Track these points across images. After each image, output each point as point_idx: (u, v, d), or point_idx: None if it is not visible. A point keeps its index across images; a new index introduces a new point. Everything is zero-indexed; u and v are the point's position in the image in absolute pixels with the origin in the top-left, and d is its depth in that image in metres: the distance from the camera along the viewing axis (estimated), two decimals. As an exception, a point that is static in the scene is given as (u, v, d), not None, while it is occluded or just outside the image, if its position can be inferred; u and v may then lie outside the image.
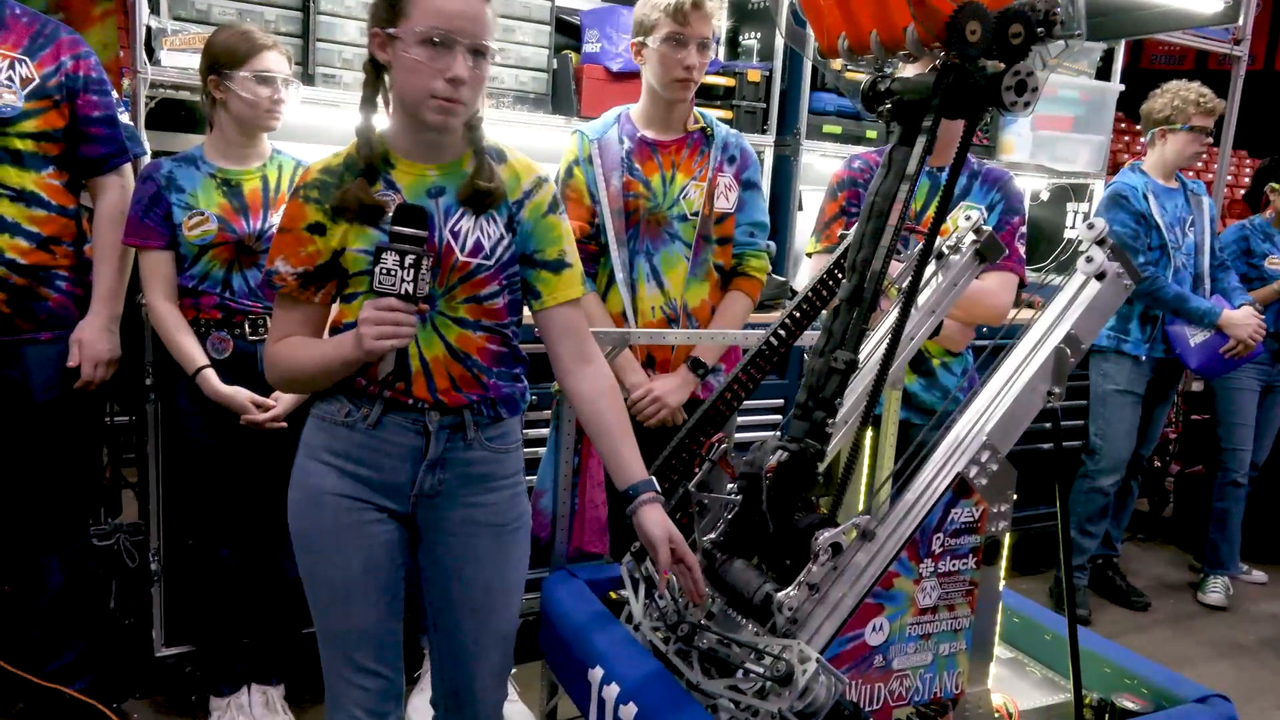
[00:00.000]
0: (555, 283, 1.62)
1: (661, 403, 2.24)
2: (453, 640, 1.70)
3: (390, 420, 1.57)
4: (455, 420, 1.60)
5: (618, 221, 2.27)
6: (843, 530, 1.43)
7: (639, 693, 1.44)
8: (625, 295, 2.29)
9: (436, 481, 1.61)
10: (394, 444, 1.58)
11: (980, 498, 1.45)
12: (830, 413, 1.50)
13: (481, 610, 1.68)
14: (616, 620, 1.66)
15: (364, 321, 1.44)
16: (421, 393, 1.56)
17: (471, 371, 1.59)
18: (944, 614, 1.46)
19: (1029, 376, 1.47)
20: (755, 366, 1.75)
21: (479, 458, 1.63)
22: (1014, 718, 1.54)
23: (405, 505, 1.62)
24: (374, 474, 1.58)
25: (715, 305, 2.37)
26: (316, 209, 1.50)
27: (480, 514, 1.65)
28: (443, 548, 1.66)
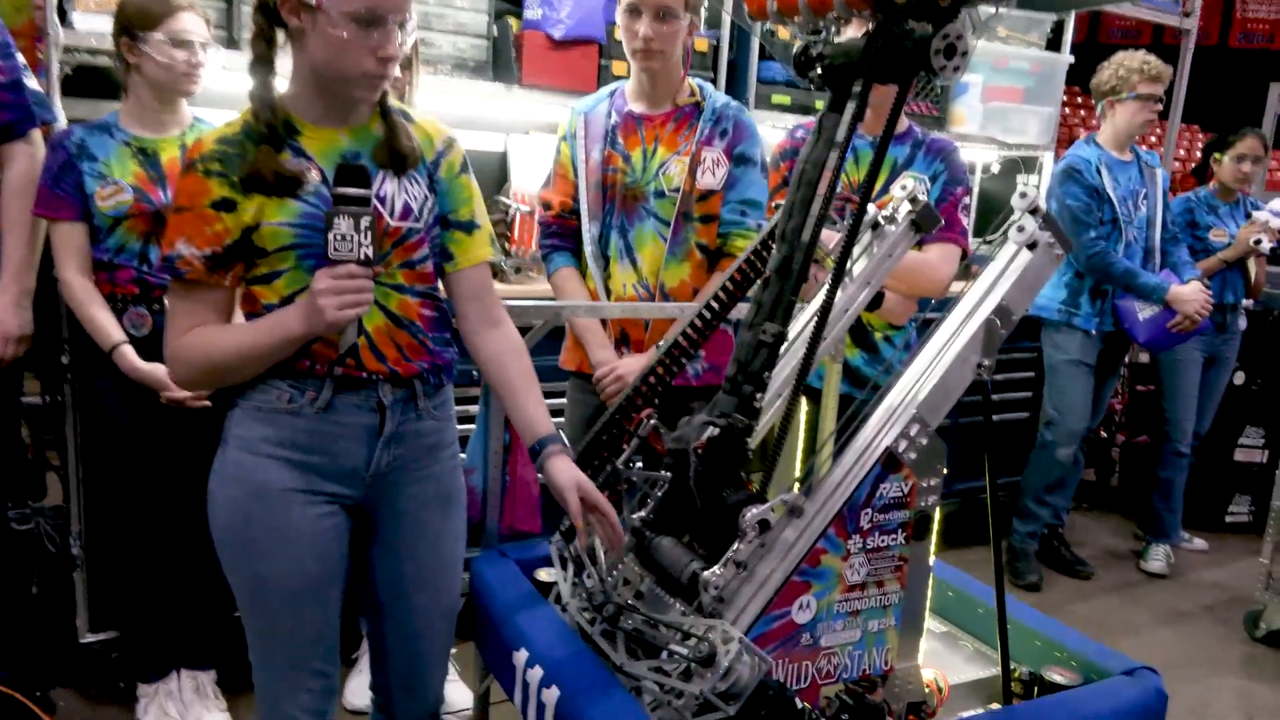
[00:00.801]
0: (468, 244, 1.59)
1: (624, 382, 2.18)
2: (405, 625, 1.66)
3: (342, 400, 1.50)
4: (407, 392, 1.55)
5: (593, 194, 2.23)
6: (770, 506, 1.40)
7: (561, 676, 1.40)
8: (595, 271, 2.25)
9: (392, 458, 1.56)
10: (347, 425, 1.51)
11: (909, 472, 1.42)
12: (759, 387, 1.46)
13: (434, 586, 1.65)
14: (544, 601, 1.63)
15: (323, 293, 1.37)
16: (375, 365, 1.51)
17: (417, 339, 1.55)
18: (873, 590, 1.44)
19: (959, 348, 1.44)
20: (687, 340, 1.71)
21: (429, 428, 1.60)
22: (944, 693, 1.53)
23: (359, 489, 1.56)
24: (327, 460, 1.51)
25: (698, 287, 2.30)
26: (221, 183, 1.40)
27: (431, 487, 1.62)
28: (394, 528, 1.62)
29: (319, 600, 1.53)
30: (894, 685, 1.49)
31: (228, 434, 1.51)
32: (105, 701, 2.47)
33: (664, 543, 1.52)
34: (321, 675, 1.57)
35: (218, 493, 1.51)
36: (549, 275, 2.34)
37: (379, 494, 1.58)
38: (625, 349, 2.26)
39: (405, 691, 1.69)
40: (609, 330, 2.25)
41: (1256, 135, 3.85)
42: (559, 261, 2.32)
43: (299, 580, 1.51)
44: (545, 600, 1.63)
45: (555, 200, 2.30)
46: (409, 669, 1.68)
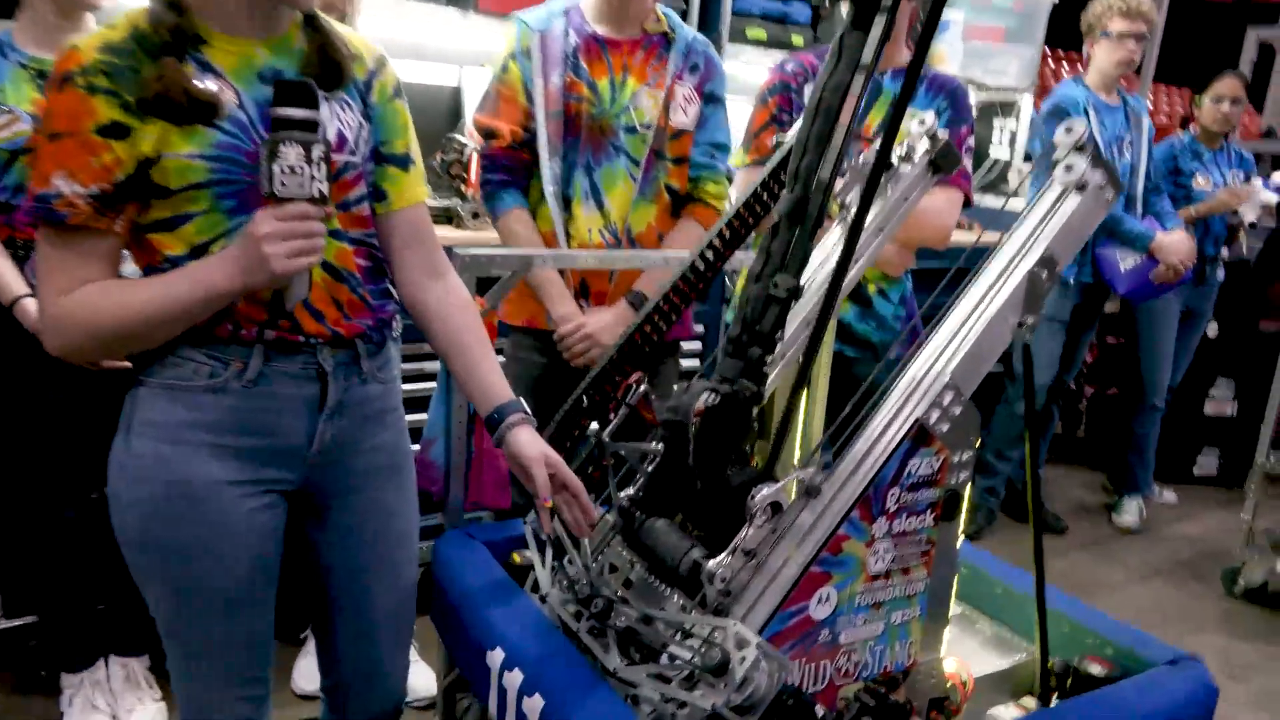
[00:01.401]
0: (404, 181, 1.37)
1: (593, 340, 1.98)
2: (363, 618, 1.47)
3: (275, 370, 1.28)
4: (349, 354, 1.34)
5: (554, 125, 1.96)
6: (783, 486, 1.22)
7: (545, 681, 1.22)
8: (556, 213, 2.00)
9: (337, 431, 1.36)
10: (283, 398, 1.30)
11: (941, 446, 1.25)
12: (768, 348, 1.27)
13: (392, 570, 1.47)
14: (520, 590, 1.44)
15: (269, 238, 1.14)
16: (313, 327, 1.29)
17: (356, 293, 1.34)
18: (897, 579, 1.27)
19: (998, 306, 1.26)
20: (678, 293, 1.51)
21: (374, 393, 1.40)
22: (968, 686, 1.38)
23: (300, 471, 1.34)
24: (262, 443, 1.30)
25: (664, 233, 2.10)
26: (110, 102, 1.14)
27: (381, 458, 1.43)
28: (346, 510, 1.42)
29: (255, 603, 1.33)
30: (916, 680, 1.34)
31: (130, 419, 1.27)
32: (25, 692, 2.24)
33: (658, 525, 1.34)
34: (258, 681, 1.38)
35: (124, 493, 1.27)
36: (496, 216, 2.05)
37: (323, 473, 1.37)
38: (585, 302, 2.04)
39: (364, 691, 1.51)
40: (568, 281, 2.03)
41: (1236, 76, 3.73)
42: (509, 201, 2.03)
43: (234, 587, 1.30)
44: (521, 589, 1.44)
45: (505, 129, 1.99)
46: (369, 666, 1.49)
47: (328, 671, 1.51)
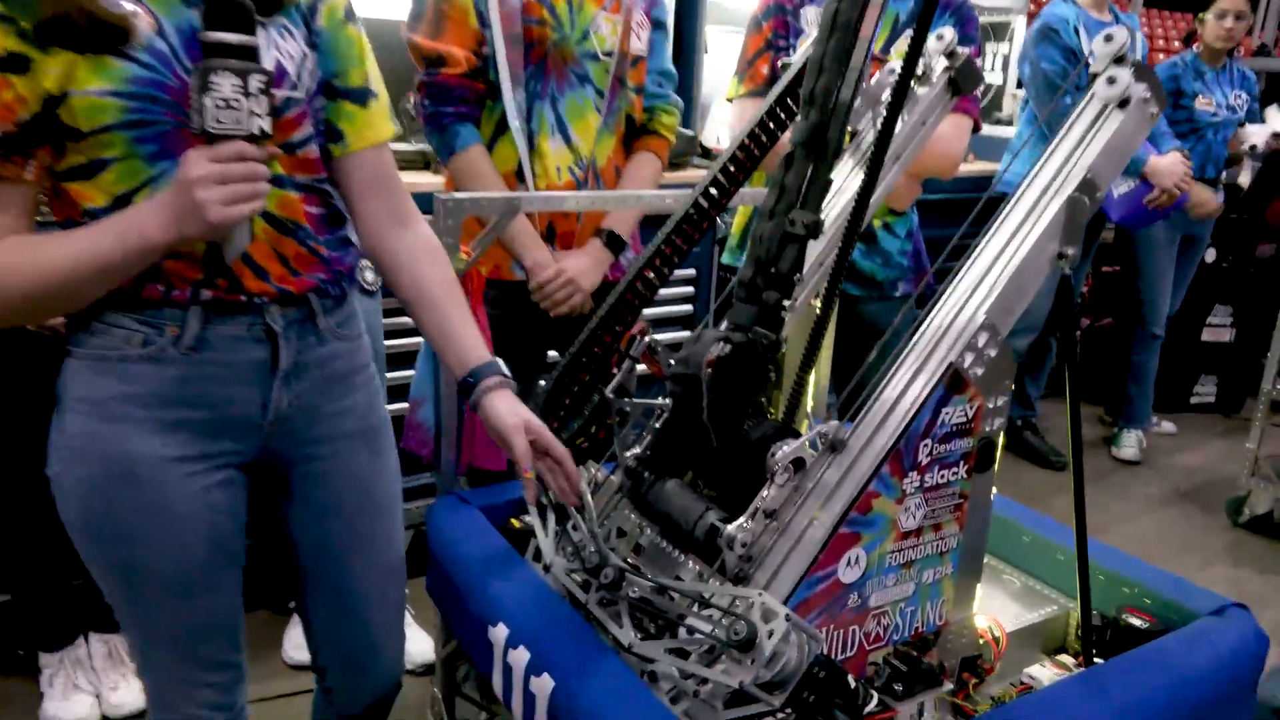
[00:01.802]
0: (362, 118, 1.23)
1: (574, 286, 1.85)
2: (345, 594, 1.37)
3: (217, 334, 1.15)
4: (302, 311, 1.21)
5: (514, 53, 1.80)
6: (805, 441, 1.13)
7: (555, 660, 1.13)
8: (523, 149, 1.84)
9: (295, 397, 1.23)
10: (230, 364, 1.17)
11: (975, 391, 1.15)
12: (786, 292, 1.17)
13: (370, 542, 1.35)
14: (521, 559, 1.34)
15: (202, 182, 1.01)
16: (256, 285, 1.16)
17: (306, 245, 1.20)
18: (929, 536, 1.18)
19: (1036, 236, 1.15)
20: (680, 235, 1.39)
21: (336, 352, 1.27)
22: (1001, 644, 1.30)
23: (256, 441, 1.23)
24: (208, 414, 1.17)
25: (620, 166, 1.97)
26: (5, 30, 0.99)
27: (349, 422, 1.30)
28: (313, 480, 1.30)
29: (214, 586, 1.23)
30: (947, 640, 1.25)
31: (63, 395, 1.15)
32: (3, 673, 2.15)
33: (669, 486, 1.24)
34: (225, 666, 1.28)
35: (63, 475, 1.16)
36: (453, 153, 1.84)
37: (284, 443, 1.25)
38: (551, 246, 1.90)
39: (355, 672, 1.41)
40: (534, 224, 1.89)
41: None
42: (467, 137, 1.83)
43: (187, 569, 1.20)
44: (522, 558, 1.35)
45: (458, 54, 1.79)
46: (356, 645, 1.39)
47: (316, 653, 1.42)
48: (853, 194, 1.43)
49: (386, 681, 1.43)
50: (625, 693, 1.06)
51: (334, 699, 1.42)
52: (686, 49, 3.06)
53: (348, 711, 1.43)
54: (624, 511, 1.32)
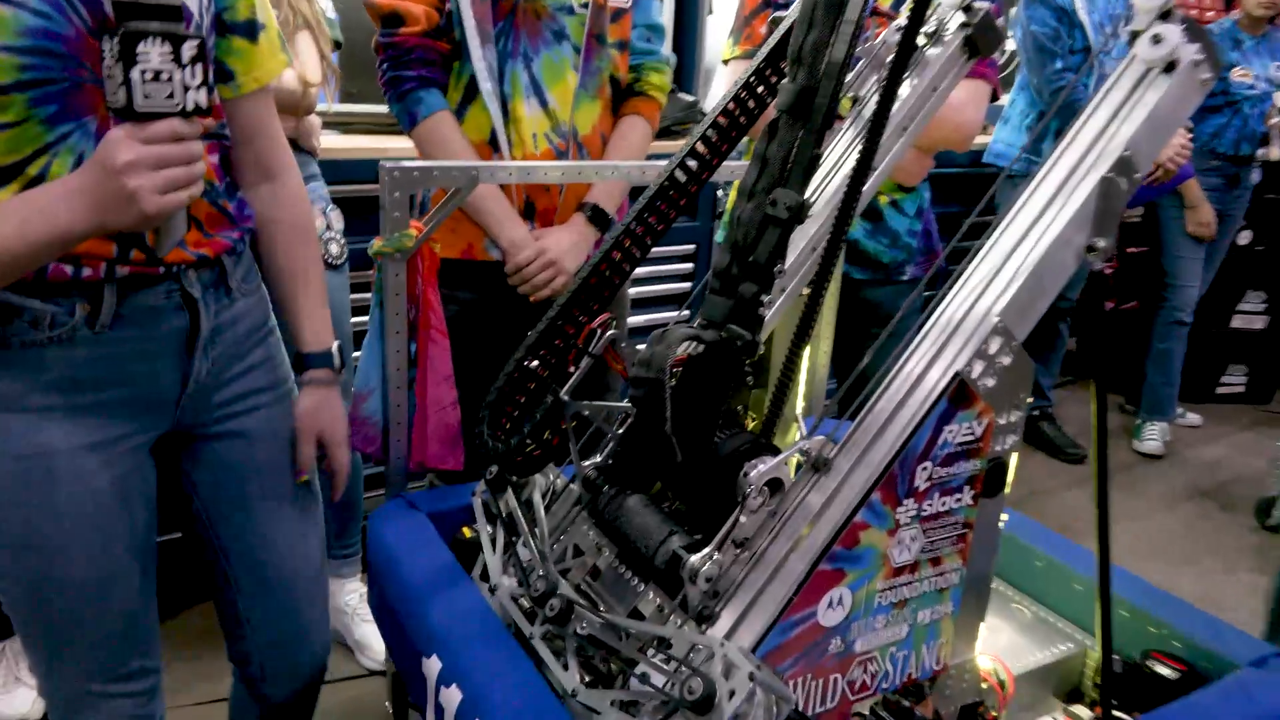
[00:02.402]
0: (252, 55, 1.13)
1: (557, 267, 1.68)
2: (264, 564, 1.26)
3: (134, 307, 1.04)
4: (215, 273, 1.12)
5: (480, 6, 1.62)
6: (784, 459, 0.97)
7: (487, 704, 0.98)
8: (496, 115, 1.66)
9: (210, 363, 1.13)
10: (148, 337, 1.06)
11: (985, 405, 0.98)
12: (765, 284, 1.00)
13: (290, 500, 1.27)
14: (467, 579, 1.19)
15: (131, 168, 0.88)
16: (175, 254, 1.04)
17: (216, 204, 1.10)
18: (926, 571, 1.02)
19: (1061, 225, 0.98)
20: (654, 213, 1.22)
21: (245, 308, 1.19)
22: (1007, 688, 1.14)
23: (167, 418, 1.12)
24: (125, 392, 1.07)
25: (606, 133, 1.79)
26: None
27: (258, 378, 1.22)
28: (223, 443, 1.19)
29: (132, 587, 1.11)
30: (945, 687, 1.10)
31: None
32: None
33: (630, 503, 1.08)
34: (143, 674, 1.16)
35: None
36: (416, 122, 1.66)
37: (197, 411, 1.15)
38: (531, 223, 1.73)
39: (282, 654, 1.30)
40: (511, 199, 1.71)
41: None
42: (432, 103, 1.65)
43: (107, 573, 1.08)
44: (468, 577, 1.19)
45: (418, 10, 1.61)
46: (282, 624, 1.29)
47: (233, 636, 1.30)
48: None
49: (313, 664, 1.33)
50: (565, 751, 0.91)
51: (262, 688, 1.31)
52: (689, 8, 2.87)
53: (276, 699, 1.32)
54: (582, 527, 1.16)
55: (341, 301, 2.01)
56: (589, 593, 1.10)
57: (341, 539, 2.14)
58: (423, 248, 1.35)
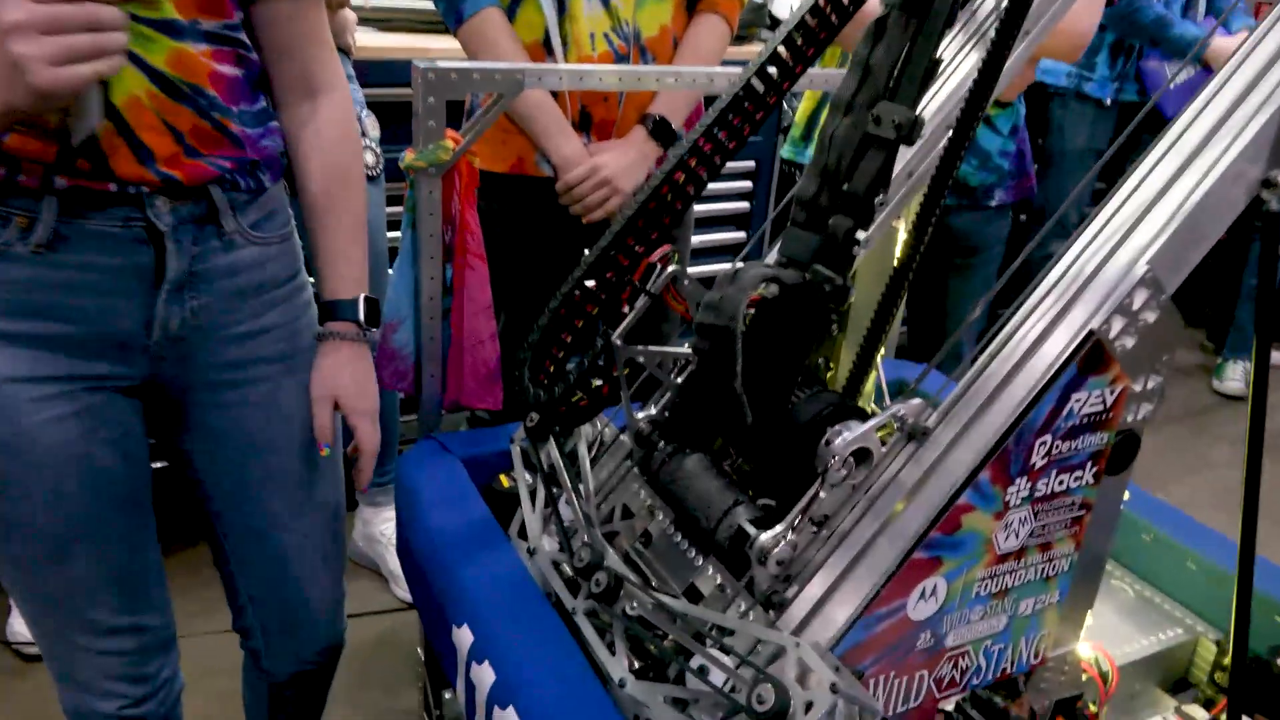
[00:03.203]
0: None
1: (612, 186, 1.52)
2: (263, 541, 1.15)
3: (81, 230, 0.90)
4: (199, 208, 0.96)
5: None
6: (875, 425, 0.82)
7: (525, 691, 0.86)
8: (550, 12, 1.49)
9: (188, 313, 0.98)
10: (98, 268, 0.92)
11: (1120, 371, 0.82)
12: (862, 218, 0.84)
13: (295, 482, 1.13)
14: (503, 537, 1.07)
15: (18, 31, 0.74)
16: (132, 169, 0.89)
17: (210, 119, 0.93)
18: (1034, 558, 0.88)
19: (1232, 158, 0.80)
20: (726, 127, 1.05)
21: (246, 259, 1.02)
22: (1110, 680, 1.01)
23: (140, 365, 0.99)
24: (73, 329, 0.93)
25: (679, 36, 1.60)
26: None
27: (266, 344, 1.06)
28: (219, 413, 1.06)
29: (102, 537, 1.00)
30: (1041, 680, 0.96)
31: None
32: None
33: (689, 465, 0.95)
34: (129, 632, 1.06)
35: None
36: (463, 19, 1.50)
37: (181, 368, 1.01)
38: (587, 136, 1.56)
39: (285, 636, 1.20)
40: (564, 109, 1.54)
41: None
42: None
43: (63, 519, 0.97)
44: (504, 534, 1.08)
45: None
46: (286, 605, 1.18)
47: (234, 610, 1.21)
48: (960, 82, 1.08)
49: (322, 646, 1.23)
50: (609, 750, 0.80)
51: (264, 663, 1.22)
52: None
53: (278, 678, 1.23)
54: (633, 486, 1.03)
55: (377, 217, 1.87)
56: (638, 563, 0.97)
57: (378, 466, 2.05)
58: (461, 162, 1.20)
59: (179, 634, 1.16)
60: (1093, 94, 2.80)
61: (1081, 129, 2.83)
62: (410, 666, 1.84)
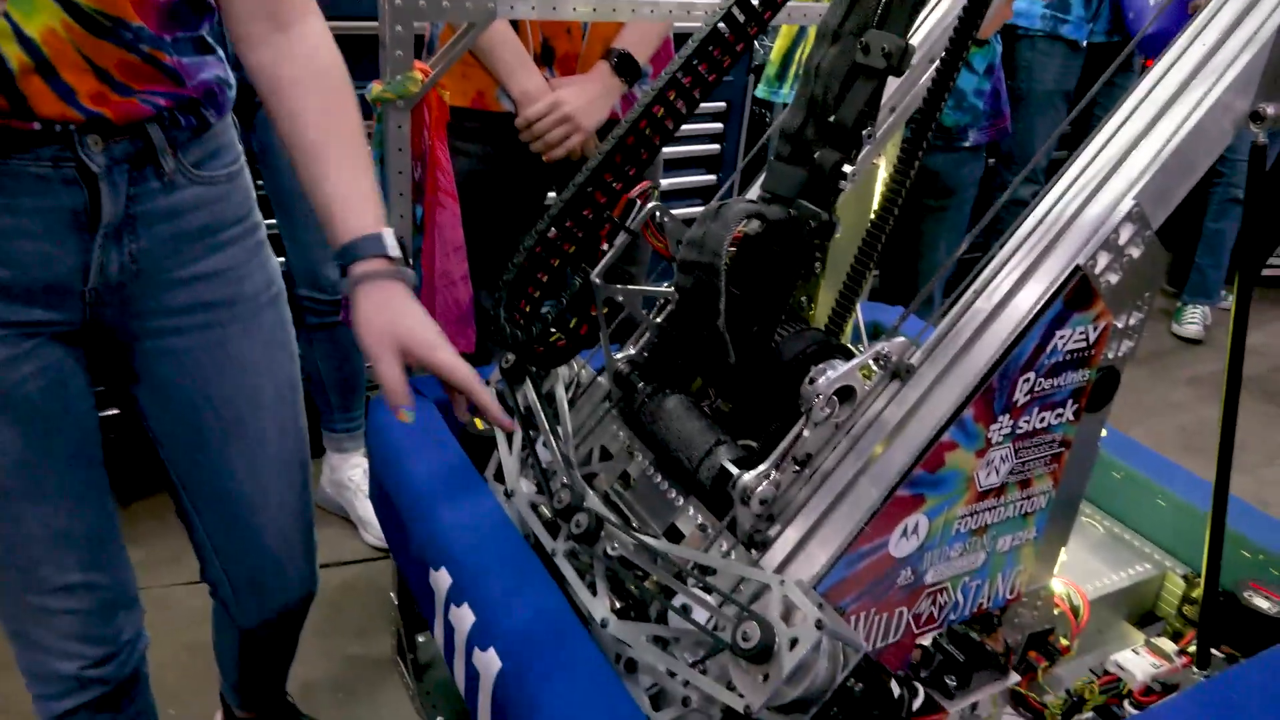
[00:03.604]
0: None
1: (574, 124, 1.49)
2: (223, 500, 1.12)
3: (8, 169, 0.85)
4: (135, 145, 0.90)
5: None
6: (858, 365, 0.81)
7: (505, 635, 0.86)
8: None
9: (127, 258, 0.94)
10: (26, 211, 0.87)
11: (1104, 307, 0.82)
12: (848, 150, 0.82)
13: (253, 436, 1.09)
14: (480, 480, 1.05)
15: None
16: (53, 108, 0.84)
17: (137, 51, 0.87)
18: (1013, 494, 0.88)
19: (1221, 90, 0.79)
20: (706, 59, 1.02)
21: (189, 200, 0.97)
22: (1081, 615, 1.03)
23: (77, 311, 0.94)
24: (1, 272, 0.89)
25: None
26: None
27: (214, 288, 1.02)
28: (164, 362, 1.02)
29: (42, 489, 0.97)
30: (1015, 614, 0.98)
31: None
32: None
33: (669, 405, 0.94)
34: (83, 589, 1.03)
35: None
36: None
37: (121, 315, 0.97)
38: (549, 71, 1.53)
39: (251, 589, 1.18)
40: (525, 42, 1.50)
41: None
42: None
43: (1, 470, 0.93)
44: (480, 477, 1.06)
45: None
46: (248, 560, 1.16)
47: (202, 564, 1.19)
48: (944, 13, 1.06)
49: (289, 597, 1.21)
50: (591, 691, 0.79)
51: (232, 612, 1.20)
52: None
53: (246, 626, 1.22)
54: (611, 427, 1.02)
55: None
56: (618, 504, 0.96)
57: (344, 411, 2.02)
58: (430, 96, 1.16)
59: (147, 585, 1.13)
60: (1068, 35, 2.78)
61: (1051, 70, 2.81)
62: (382, 612, 1.84)
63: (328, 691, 1.68)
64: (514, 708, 0.82)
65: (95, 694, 1.07)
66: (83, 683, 1.06)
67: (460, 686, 0.92)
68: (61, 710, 1.07)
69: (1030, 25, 2.80)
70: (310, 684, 1.68)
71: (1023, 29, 2.83)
